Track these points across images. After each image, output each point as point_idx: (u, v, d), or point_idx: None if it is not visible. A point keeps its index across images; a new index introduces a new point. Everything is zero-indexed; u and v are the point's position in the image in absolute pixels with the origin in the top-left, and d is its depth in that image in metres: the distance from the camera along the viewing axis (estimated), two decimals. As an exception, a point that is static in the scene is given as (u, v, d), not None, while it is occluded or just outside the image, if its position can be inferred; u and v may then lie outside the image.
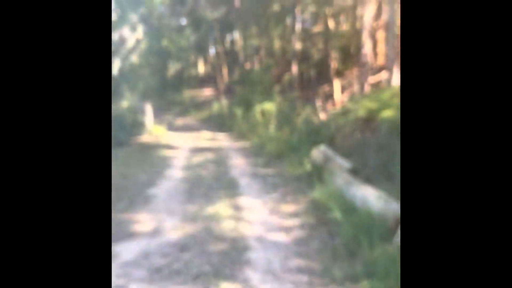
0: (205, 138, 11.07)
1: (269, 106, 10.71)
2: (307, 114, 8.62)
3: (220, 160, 7.77)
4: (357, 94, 12.68)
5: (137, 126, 10.98)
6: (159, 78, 26.87)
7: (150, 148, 9.24)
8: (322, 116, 9.72)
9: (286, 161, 6.99)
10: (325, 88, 16.08)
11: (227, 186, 5.64)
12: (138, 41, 26.92)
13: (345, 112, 8.47)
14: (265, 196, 5.10)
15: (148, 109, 12.44)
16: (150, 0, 12.85)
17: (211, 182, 5.95)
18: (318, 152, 5.91)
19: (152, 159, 8.02)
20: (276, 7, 12.87)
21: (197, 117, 16.19)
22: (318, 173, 5.46)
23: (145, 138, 10.88)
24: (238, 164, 7.40)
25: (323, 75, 16.35)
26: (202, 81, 25.13)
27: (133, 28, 25.58)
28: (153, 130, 12.06)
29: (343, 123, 7.73)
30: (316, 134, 6.87)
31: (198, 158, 7.90)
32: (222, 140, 10.71)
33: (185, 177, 6.40)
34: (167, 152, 8.77)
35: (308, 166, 5.94)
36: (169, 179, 6.34)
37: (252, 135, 9.95)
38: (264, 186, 5.65)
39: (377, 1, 13.10)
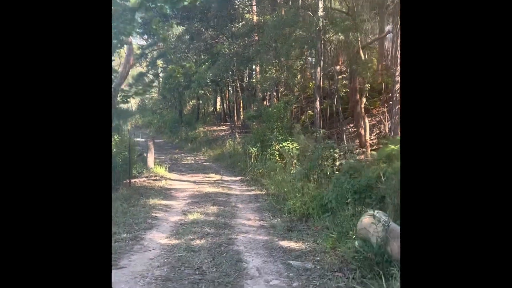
0: (212, 182, 8.86)
1: (290, 146, 8.52)
2: (342, 158, 6.38)
3: (224, 217, 5.51)
4: (388, 135, 10.48)
5: (132, 167, 8.93)
6: (174, 113, 25.40)
7: (141, 195, 7.08)
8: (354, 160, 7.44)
9: (318, 226, 4.67)
10: (349, 127, 13.95)
11: (226, 277, 3.34)
12: (155, 76, 25.80)
13: (388, 156, 6.18)
14: (289, 308, 2.76)
15: (151, 146, 10.44)
16: (165, 34, 11.31)
17: (204, 264, 3.67)
18: (372, 221, 3.59)
19: (137, 212, 5.82)
20: (298, 35, 11.02)
21: (208, 155, 14.10)
22: (379, 260, 3.13)
23: (141, 180, 8.77)
24: (249, 226, 5.11)
25: (347, 113, 14.24)
26: (218, 118, 23.42)
27: (152, 64, 24.53)
28: (154, 170, 9.97)
29: (391, 171, 5.42)
30: (362, 188, 4.56)
31: (195, 214, 5.66)
32: (232, 185, 8.47)
33: (169, 250, 4.14)
34: (159, 202, 6.58)
35: (356, 243, 3.61)
36: (144, 252, 4.09)
37: (268, 181, 7.70)
38: (286, 278, 3.32)
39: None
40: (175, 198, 7.04)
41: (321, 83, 13.65)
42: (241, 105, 20.09)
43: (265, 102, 16.97)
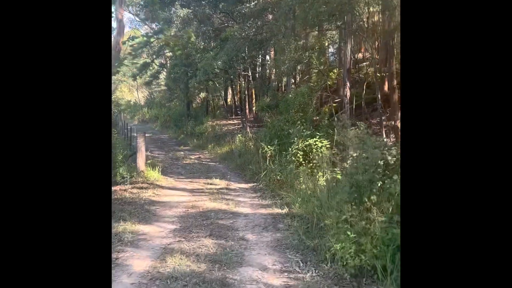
0: (214, 191, 6.66)
1: (319, 144, 6.28)
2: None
3: (224, 265, 3.30)
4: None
5: (113, 171, 6.82)
6: (182, 107, 23.27)
7: (112, 214, 4.96)
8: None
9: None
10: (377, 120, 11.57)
11: None
12: (161, 66, 23.67)
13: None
14: None
15: (141, 144, 8.32)
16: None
17: None
18: None
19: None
20: (322, 4, 8.66)
21: (215, 153, 11.94)
22: None
23: (123, 188, 6.65)
24: (264, 286, 2.90)
25: (374, 105, 11.83)
26: (229, 111, 21.22)
27: (157, 53, 22.38)
28: (145, 174, 7.87)
29: None
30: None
31: (177, 257, 3.46)
32: (240, 197, 6.27)
33: None
34: (132, 228, 4.44)
35: None
36: None
37: (291, 195, 5.46)
38: None
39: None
40: (158, 220, 4.88)
41: (350, 66, 11.32)
42: (254, 96, 17.84)
43: (281, 89, 14.71)
